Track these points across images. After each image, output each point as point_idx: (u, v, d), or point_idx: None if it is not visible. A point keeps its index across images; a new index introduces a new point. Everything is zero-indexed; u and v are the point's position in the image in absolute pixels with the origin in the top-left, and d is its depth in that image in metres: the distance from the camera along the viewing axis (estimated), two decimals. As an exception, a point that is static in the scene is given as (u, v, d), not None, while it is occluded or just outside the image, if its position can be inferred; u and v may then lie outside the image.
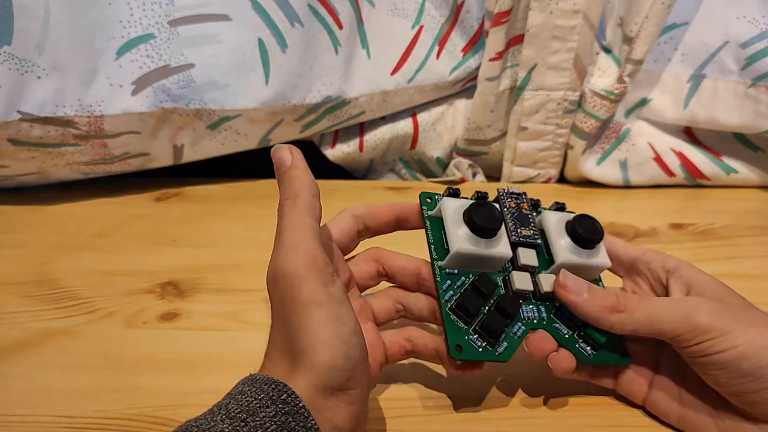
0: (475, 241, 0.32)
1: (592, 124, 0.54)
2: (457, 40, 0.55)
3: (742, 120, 0.52)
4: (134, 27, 0.45)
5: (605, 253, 0.35)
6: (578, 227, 0.34)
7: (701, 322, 0.29)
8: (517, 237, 0.34)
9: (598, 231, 0.34)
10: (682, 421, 0.32)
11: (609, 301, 0.31)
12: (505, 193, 0.35)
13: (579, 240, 0.34)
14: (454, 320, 0.32)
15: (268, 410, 0.23)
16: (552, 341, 0.33)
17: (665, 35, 0.52)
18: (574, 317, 0.33)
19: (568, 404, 0.35)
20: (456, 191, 0.35)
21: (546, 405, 0.35)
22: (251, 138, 0.53)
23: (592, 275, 0.36)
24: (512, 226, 0.34)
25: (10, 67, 0.42)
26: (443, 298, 0.32)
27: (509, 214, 0.34)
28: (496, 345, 0.32)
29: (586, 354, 0.33)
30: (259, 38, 0.47)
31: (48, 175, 0.51)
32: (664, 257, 0.34)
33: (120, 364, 0.37)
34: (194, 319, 0.41)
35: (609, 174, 0.57)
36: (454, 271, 0.33)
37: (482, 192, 0.35)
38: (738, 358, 0.28)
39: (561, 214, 0.36)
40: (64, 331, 0.39)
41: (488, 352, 0.32)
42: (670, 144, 0.56)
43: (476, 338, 0.32)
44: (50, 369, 0.36)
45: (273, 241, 0.30)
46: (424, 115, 0.58)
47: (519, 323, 0.33)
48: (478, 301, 0.32)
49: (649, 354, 0.34)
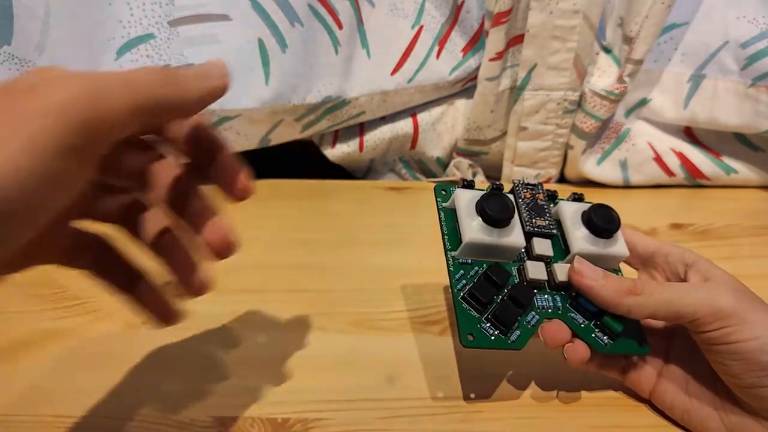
0: (487, 231, 0.32)
1: (592, 124, 0.54)
2: (457, 40, 0.55)
3: (742, 120, 0.52)
4: (134, 27, 0.45)
5: (623, 243, 0.35)
6: (594, 216, 0.34)
7: (724, 305, 0.29)
8: (531, 227, 0.34)
9: (615, 220, 0.34)
10: (686, 414, 0.32)
11: (626, 285, 0.31)
12: (520, 184, 0.35)
13: (595, 229, 0.34)
14: (466, 309, 0.32)
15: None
16: (567, 331, 0.32)
17: (665, 35, 0.52)
18: (591, 306, 0.33)
19: (570, 404, 0.35)
20: (471, 183, 0.35)
21: (548, 405, 0.35)
22: (251, 138, 0.53)
23: (611, 265, 0.35)
24: (527, 216, 0.34)
25: (10, 67, 0.42)
26: (456, 287, 0.33)
27: (524, 205, 0.34)
28: (509, 333, 0.32)
29: (603, 343, 0.33)
30: (259, 38, 0.47)
31: (48, 175, 0.51)
32: (684, 251, 0.34)
33: (120, 364, 0.37)
34: (194, 319, 0.41)
35: (609, 174, 0.57)
36: (467, 261, 0.33)
37: (498, 183, 0.35)
38: (758, 350, 0.28)
39: (578, 205, 0.36)
40: (64, 331, 0.39)
41: (501, 341, 0.32)
42: (670, 144, 0.56)
43: (489, 326, 0.32)
44: (50, 369, 0.36)
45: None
46: (424, 115, 0.58)
47: (533, 312, 0.33)
48: (491, 291, 0.32)
49: (660, 345, 0.34)
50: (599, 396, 0.35)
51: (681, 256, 0.33)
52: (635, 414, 0.34)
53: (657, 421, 0.33)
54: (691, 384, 0.33)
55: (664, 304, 0.30)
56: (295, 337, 0.39)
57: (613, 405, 0.35)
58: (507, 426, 0.34)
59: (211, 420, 0.33)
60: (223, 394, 0.35)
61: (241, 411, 0.34)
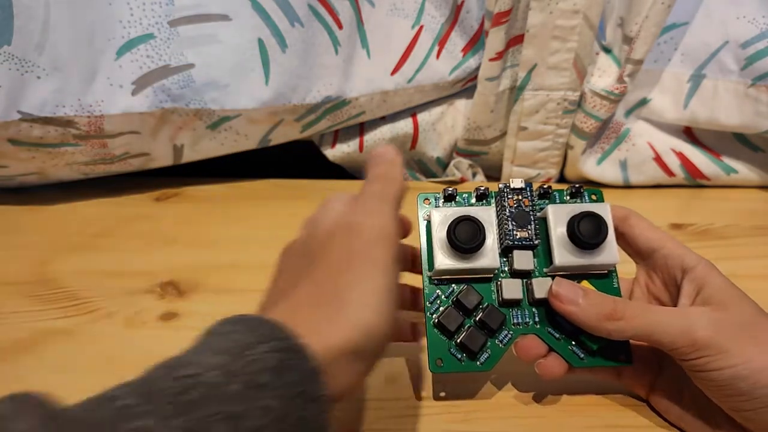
0: (458, 257, 0.32)
1: (592, 124, 0.54)
2: (457, 40, 0.55)
3: (742, 120, 0.52)
4: (134, 27, 0.45)
5: (613, 250, 0.33)
6: (578, 229, 0.32)
7: (699, 337, 0.29)
8: (512, 240, 0.33)
9: (600, 233, 0.32)
10: (681, 421, 0.32)
11: (606, 309, 0.30)
12: (506, 189, 0.34)
13: (579, 242, 0.32)
14: (436, 333, 0.33)
15: (262, 347, 0.21)
16: (541, 346, 0.32)
17: (665, 35, 0.52)
18: (568, 324, 0.32)
19: (567, 405, 0.35)
20: (453, 193, 0.35)
21: (545, 405, 0.35)
22: (251, 138, 0.53)
23: (600, 270, 0.34)
24: (509, 228, 0.33)
25: (10, 67, 0.42)
26: (429, 310, 0.33)
27: (508, 214, 0.33)
28: (478, 355, 0.32)
29: (578, 357, 0.33)
30: (259, 38, 0.47)
31: (48, 175, 0.51)
32: (684, 254, 0.32)
33: (120, 364, 0.37)
34: (194, 319, 0.41)
35: (609, 174, 0.57)
36: (443, 280, 0.33)
37: (483, 189, 0.35)
38: (734, 377, 0.28)
39: (567, 208, 0.34)
40: (64, 331, 0.39)
41: (470, 364, 0.32)
42: (670, 144, 0.56)
43: (457, 351, 0.32)
44: (50, 369, 0.36)
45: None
46: (424, 115, 0.58)
47: (506, 331, 0.33)
48: (458, 319, 0.32)
49: (652, 355, 0.34)
50: (598, 396, 0.35)
51: (680, 260, 0.32)
52: (635, 414, 0.34)
53: (656, 421, 0.33)
54: (685, 397, 0.33)
55: (643, 331, 0.30)
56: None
57: (612, 405, 0.35)
58: (507, 426, 0.34)
59: (211, 420, 0.33)
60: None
61: (241, 411, 0.34)
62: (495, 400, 0.35)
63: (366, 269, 0.25)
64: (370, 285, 0.24)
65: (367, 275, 0.24)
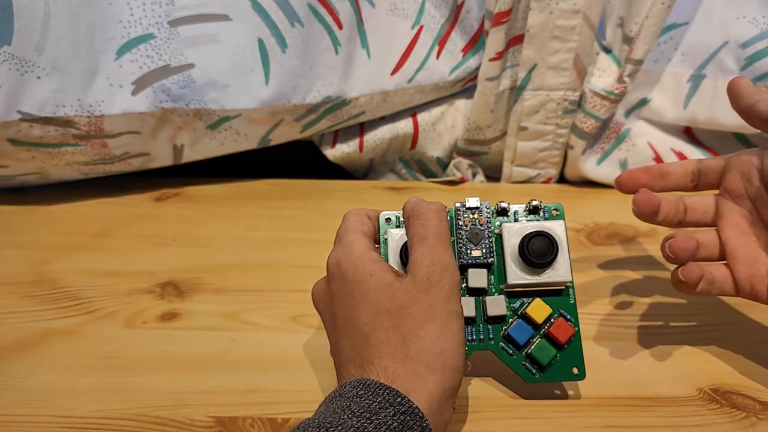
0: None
1: (592, 124, 0.54)
2: (457, 40, 0.55)
3: (742, 120, 0.52)
4: (134, 27, 0.45)
5: (565, 267, 0.33)
6: (527, 249, 0.33)
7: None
8: (466, 259, 0.33)
9: (548, 253, 0.32)
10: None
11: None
12: (462, 207, 0.34)
13: (528, 262, 0.33)
14: None
15: (387, 411, 0.25)
16: (692, 239, 0.35)
17: (665, 35, 0.52)
18: (521, 339, 0.33)
19: (569, 404, 0.35)
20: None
21: (547, 405, 0.35)
22: (251, 138, 0.53)
23: (554, 287, 0.34)
24: (462, 248, 0.33)
25: (10, 67, 0.42)
26: None
27: (463, 233, 0.34)
28: None
29: (531, 374, 0.33)
30: (259, 38, 0.47)
31: (48, 175, 0.51)
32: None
33: (120, 364, 0.37)
34: (194, 319, 0.41)
35: (609, 174, 0.57)
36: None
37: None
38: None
39: (520, 226, 0.34)
40: (64, 331, 0.39)
41: None
42: (670, 144, 0.56)
43: None
44: (50, 369, 0.36)
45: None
46: (424, 115, 0.58)
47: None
48: None
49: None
50: (598, 396, 0.35)
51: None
52: (635, 414, 0.34)
53: (656, 422, 0.33)
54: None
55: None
56: (296, 336, 0.39)
57: (611, 405, 0.35)
58: (507, 426, 0.34)
59: (211, 420, 0.33)
60: (223, 394, 0.35)
61: (241, 411, 0.34)
62: (495, 400, 0.35)
63: (442, 323, 0.28)
64: (451, 333, 0.28)
65: (445, 327, 0.28)
